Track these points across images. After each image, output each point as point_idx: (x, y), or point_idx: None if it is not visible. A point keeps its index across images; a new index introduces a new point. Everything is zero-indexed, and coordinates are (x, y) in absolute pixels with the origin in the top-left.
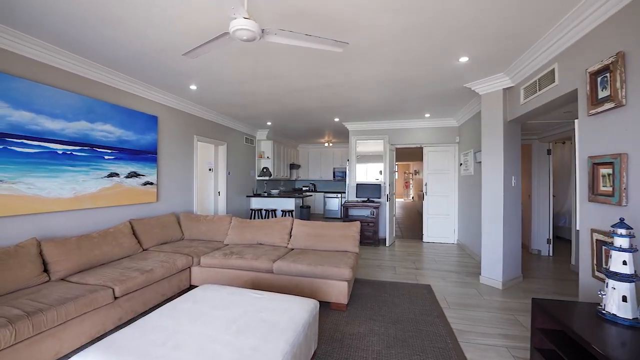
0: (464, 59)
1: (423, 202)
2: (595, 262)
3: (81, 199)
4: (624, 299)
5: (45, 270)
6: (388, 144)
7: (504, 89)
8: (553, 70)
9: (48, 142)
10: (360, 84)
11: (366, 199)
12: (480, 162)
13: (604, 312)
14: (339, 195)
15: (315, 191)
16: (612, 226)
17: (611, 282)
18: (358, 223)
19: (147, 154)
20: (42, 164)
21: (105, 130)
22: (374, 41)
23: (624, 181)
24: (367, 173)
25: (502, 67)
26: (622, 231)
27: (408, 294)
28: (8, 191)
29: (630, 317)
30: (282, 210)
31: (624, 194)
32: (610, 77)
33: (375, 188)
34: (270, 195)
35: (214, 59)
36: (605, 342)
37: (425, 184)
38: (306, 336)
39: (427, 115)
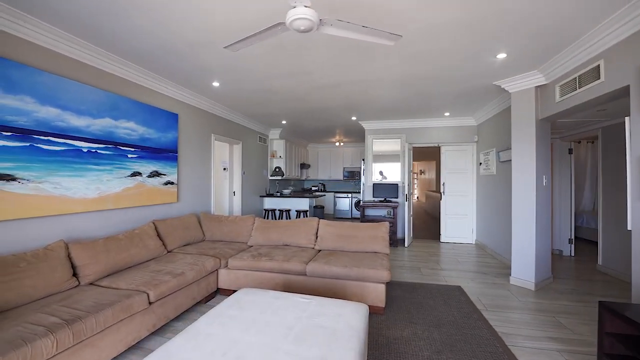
0: (501, 56)
1: (440, 202)
2: None
3: (105, 199)
4: None
5: (74, 275)
6: (405, 143)
7: (536, 86)
8: (598, 67)
9: (73, 140)
10: (389, 81)
11: (383, 198)
12: (504, 161)
13: None
14: (350, 195)
15: (325, 191)
16: None
17: None
18: (387, 223)
19: (168, 153)
20: (67, 163)
21: (129, 128)
22: (415, 37)
23: None
24: (383, 173)
25: (537, 65)
26: None
27: (441, 295)
28: (35, 191)
29: None
30: (296, 211)
31: None
32: None
33: (393, 188)
34: (283, 195)
35: (244, 55)
36: None
37: (443, 184)
38: (365, 343)
39: (447, 114)
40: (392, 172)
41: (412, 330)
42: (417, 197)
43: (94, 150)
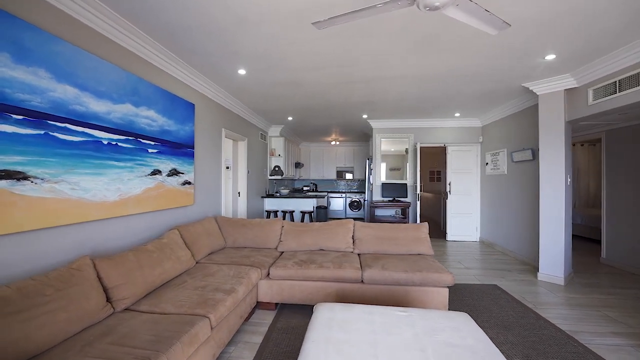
0: (550, 57)
1: (446, 201)
2: None
3: (126, 202)
4: None
5: (107, 299)
6: (413, 143)
7: (565, 89)
8: None
9: (93, 129)
10: (423, 76)
11: (392, 198)
12: (518, 161)
13: None
14: (343, 195)
15: (317, 191)
16: None
17: None
18: (426, 224)
19: (186, 148)
20: (86, 158)
21: (149, 118)
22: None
23: None
24: (390, 172)
25: (575, 67)
26: None
27: (485, 295)
28: (51, 193)
29: None
30: (301, 212)
31: None
32: None
33: (401, 187)
34: (283, 196)
35: (286, 40)
36: None
37: (449, 183)
38: None
39: (457, 114)
40: (400, 172)
41: (488, 335)
42: None
43: (114, 143)
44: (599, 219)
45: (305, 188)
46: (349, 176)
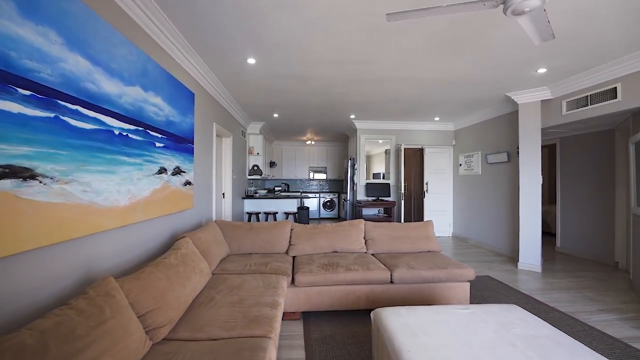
0: (541, 70)
1: (424, 199)
2: None
3: (136, 206)
4: None
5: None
6: (395, 144)
7: (542, 100)
8: (615, 89)
9: (104, 115)
10: (434, 80)
11: (376, 197)
12: (492, 163)
13: None
14: (317, 195)
15: (289, 191)
16: None
17: None
18: (432, 222)
19: (187, 143)
20: (97, 151)
21: (156, 105)
22: (500, 42)
23: None
24: (373, 172)
25: (551, 81)
26: None
27: (486, 287)
28: (61, 197)
29: None
30: (284, 213)
31: None
32: None
33: (385, 187)
34: (263, 197)
35: (323, 30)
36: None
37: (426, 183)
38: None
39: (437, 118)
40: (382, 172)
41: None
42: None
43: (124, 134)
44: (550, 214)
45: (277, 188)
46: (322, 176)
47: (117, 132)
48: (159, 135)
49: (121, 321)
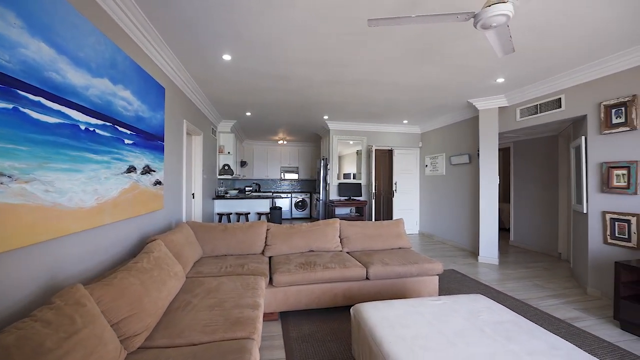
0: (500, 80)
1: (393, 199)
2: (608, 233)
3: (103, 208)
4: None
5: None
6: (367, 145)
7: (499, 107)
8: (559, 99)
9: (69, 108)
10: (407, 85)
11: (348, 197)
12: (455, 164)
13: None
14: (289, 195)
15: (260, 191)
16: None
17: None
18: (403, 220)
19: (157, 141)
20: (61, 147)
21: (125, 99)
22: (469, 52)
23: (638, 178)
24: (344, 172)
25: (507, 90)
26: None
27: (453, 280)
28: (21, 198)
29: None
30: (257, 213)
31: (638, 187)
32: (626, 109)
33: (356, 187)
34: (234, 197)
35: (307, 30)
36: None
37: (395, 183)
38: None
39: (405, 121)
40: (353, 172)
41: None
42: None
43: (91, 129)
44: (504, 212)
45: (247, 188)
46: (294, 176)
47: (83, 127)
48: (128, 132)
49: (94, 331)
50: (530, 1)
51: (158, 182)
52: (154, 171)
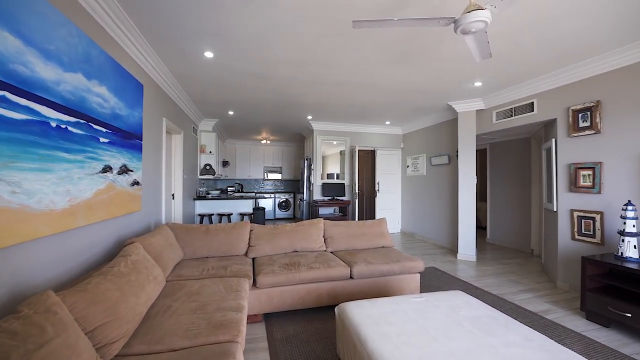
0: (478, 84)
1: (376, 198)
2: (575, 230)
3: (76, 210)
4: (635, 247)
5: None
6: (350, 145)
7: (477, 110)
8: (532, 103)
9: (39, 104)
10: (388, 86)
11: (332, 197)
12: (435, 165)
13: (623, 256)
14: (273, 195)
15: (243, 192)
16: (624, 205)
17: (627, 238)
18: (385, 219)
19: (135, 140)
20: (30, 145)
21: (101, 96)
22: (451, 57)
23: (602, 178)
24: (327, 172)
25: (484, 94)
26: (631, 207)
27: (434, 277)
28: None
29: (638, 257)
30: (240, 214)
31: (602, 186)
32: (590, 114)
33: (340, 187)
34: (216, 198)
35: (293, 30)
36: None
37: (378, 183)
38: None
39: (388, 122)
40: (337, 172)
41: None
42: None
43: (63, 127)
44: (481, 210)
45: (230, 189)
46: (277, 176)
47: (54, 124)
48: (104, 130)
49: (67, 340)
50: (506, 9)
51: (136, 183)
52: (132, 171)
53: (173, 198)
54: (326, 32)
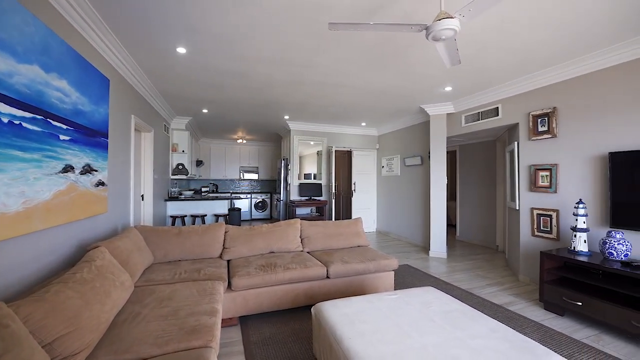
0: (448, 88)
1: (352, 198)
2: (535, 226)
3: (32, 213)
4: (585, 241)
5: None
6: (327, 146)
7: (447, 113)
8: (497, 108)
9: None
10: (366, 89)
11: (309, 197)
12: (409, 165)
13: (575, 250)
14: (249, 195)
15: (218, 192)
16: (576, 203)
17: (578, 234)
18: (361, 218)
19: (100, 137)
20: None
21: (61, 90)
22: (423, 62)
23: (558, 179)
24: (304, 172)
25: (453, 98)
26: (582, 205)
27: (406, 273)
28: None
29: (588, 250)
30: (214, 215)
31: (558, 186)
32: (548, 119)
33: (317, 187)
34: (189, 198)
35: (272, 28)
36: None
37: (354, 183)
38: None
39: (364, 124)
40: (314, 172)
41: None
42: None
43: (17, 122)
44: (451, 209)
45: (204, 189)
46: (253, 176)
47: (6, 120)
48: (65, 127)
49: (20, 355)
50: (473, 19)
51: (101, 183)
52: (96, 171)
53: (142, 199)
54: (305, 33)
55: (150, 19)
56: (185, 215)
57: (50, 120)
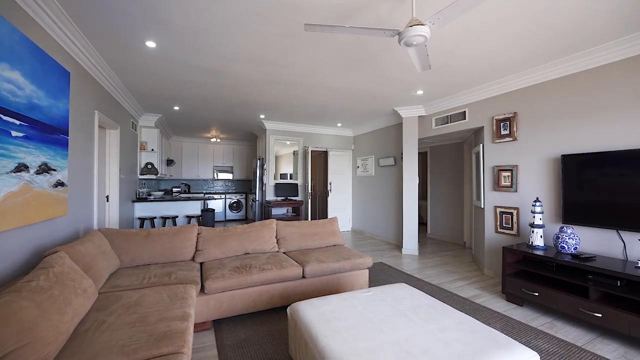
0: (419, 92)
1: (328, 198)
2: (498, 224)
3: None
4: (541, 236)
5: None
6: (303, 146)
7: (419, 116)
8: (464, 112)
9: None
10: (342, 90)
11: (285, 197)
12: (383, 166)
13: (532, 245)
14: (223, 196)
15: (190, 192)
16: (534, 202)
17: (535, 230)
18: (337, 218)
19: (59, 134)
20: None
21: (13, 82)
22: (394, 66)
23: (518, 179)
24: (280, 172)
25: (424, 102)
26: (538, 204)
27: (380, 271)
28: None
29: (543, 245)
30: (186, 216)
31: (518, 186)
32: (510, 123)
33: (293, 187)
34: (159, 199)
35: (251, 27)
36: (542, 255)
37: (330, 183)
38: None
39: (339, 124)
40: (290, 172)
41: None
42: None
43: None
44: (422, 208)
45: (175, 189)
46: (228, 176)
47: None
48: (17, 122)
49: None
50: (443, 27)
51: (60, 184)
52: (55, 170)
53: (107, 200)
54: (282, 32)
55: (116, 10)
56: (155, 217)
57: (1, 115)
